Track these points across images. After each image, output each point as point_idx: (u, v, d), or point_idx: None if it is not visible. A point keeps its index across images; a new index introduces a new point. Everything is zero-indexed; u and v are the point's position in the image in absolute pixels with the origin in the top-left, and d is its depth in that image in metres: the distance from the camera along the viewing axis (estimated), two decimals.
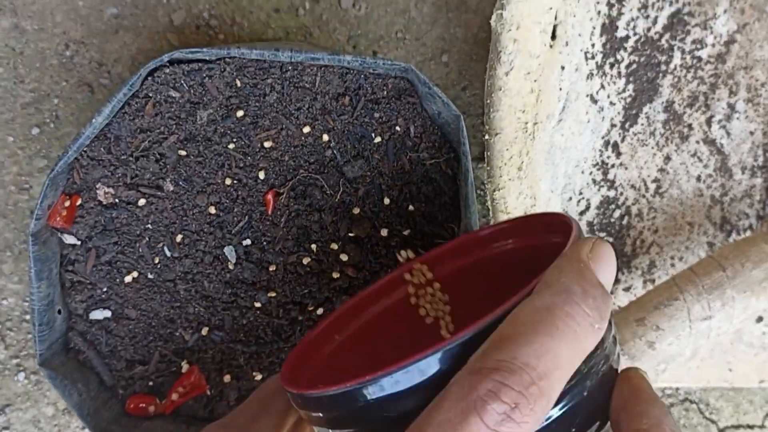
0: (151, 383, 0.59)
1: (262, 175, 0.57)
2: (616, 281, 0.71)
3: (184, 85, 0.55)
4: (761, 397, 0.77)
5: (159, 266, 0.57)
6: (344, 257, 0.59)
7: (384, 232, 0.59)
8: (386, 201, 0.59)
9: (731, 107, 0.70)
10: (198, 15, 0.66)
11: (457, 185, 0.59)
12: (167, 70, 0.54)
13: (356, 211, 0.59)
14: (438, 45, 0.69)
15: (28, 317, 0.67)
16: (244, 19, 0.66)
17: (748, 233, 0.73)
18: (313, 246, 0.58)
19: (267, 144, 0.57)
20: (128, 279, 0.57)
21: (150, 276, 0.57)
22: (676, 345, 0.60)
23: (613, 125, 0.67)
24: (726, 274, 0.61)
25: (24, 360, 0.67)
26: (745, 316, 0.62)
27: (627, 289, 0.71)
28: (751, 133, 0.70)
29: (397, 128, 0.58)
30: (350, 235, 0.59)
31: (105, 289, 0.57)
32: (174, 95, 0.55)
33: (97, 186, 0.55)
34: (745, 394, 0.77)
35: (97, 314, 0.57)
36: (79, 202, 0.55)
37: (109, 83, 0.66)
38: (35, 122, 0.66)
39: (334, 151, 0.58)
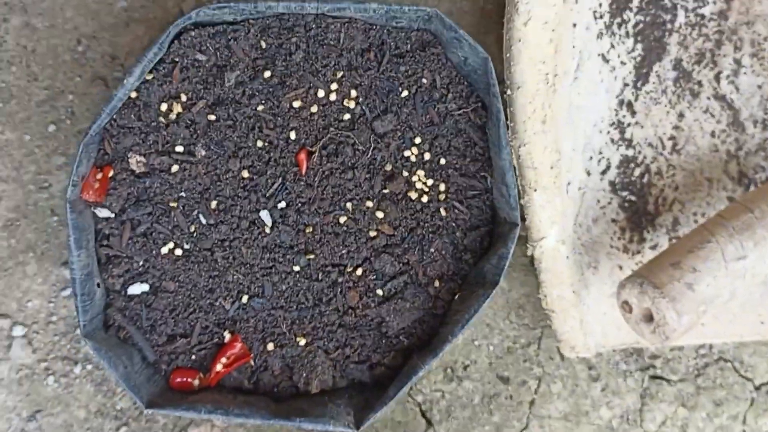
0: (193, 357, 0.57)
1: (293, 135, 0.57)
2: (642, 240, 0.70)
3: (210, 48, 0.55)
4: None
5: (195, 235, 0.56)
6: (380, 214, 0.58)
7: (419, 187, 0.59)
8: (418, 155, 0.59)
9: (737, 62, 0.71)
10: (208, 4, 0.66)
11: (486, 135, 0.59)
12: (192, 33, 0.54)
13: (389, 167, 0.58)
14: None
15: (54, 318, 0.65)
16: None
17: None
18: (348, 204, 0.58)
19: (296, 104, 0.56)
20: (164, 250, 0.56)
21: (186, 246, 0.56)
22: (713, 286, 0.59)
23: (625, 84, 0.68)
24: (754, 215, 0.61)
25: (53, 363, 0.66)
26: None
27: (653, 248, 0.70)
28: (759, 86, 0.71)
29: (424, 80, 0.58)
30: (384, 191, 0.58)
31: (141, 262, 0.56)
32: (200, 59, 0.55)
33: (129, 155, 0.55)
34: None
35: (135, 288, 0.56)
36: (111, 173, 0.55)
37: (123, 76, 0.66)
38: (51, 119, 0.65)
39: (363, 107, 0.58)
